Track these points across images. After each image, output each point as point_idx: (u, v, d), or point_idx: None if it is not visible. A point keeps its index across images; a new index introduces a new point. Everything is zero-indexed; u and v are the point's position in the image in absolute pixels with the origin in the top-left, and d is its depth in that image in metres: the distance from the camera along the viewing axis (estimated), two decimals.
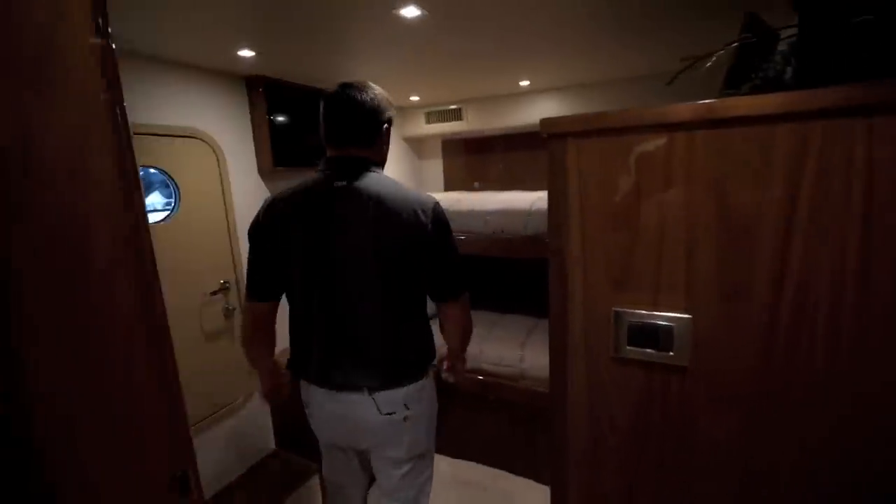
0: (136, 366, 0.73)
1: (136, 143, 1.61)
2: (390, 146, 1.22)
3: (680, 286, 0.75)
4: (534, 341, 2.27)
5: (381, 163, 1.18)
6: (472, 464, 2.27)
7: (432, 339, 1.24)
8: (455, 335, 1.27)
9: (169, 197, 1.92)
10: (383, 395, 1.13)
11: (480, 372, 2.23)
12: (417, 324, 1.18)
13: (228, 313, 1.96)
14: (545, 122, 0.81)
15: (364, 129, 1.11)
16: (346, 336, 1.11)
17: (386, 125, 1.16)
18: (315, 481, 2.09)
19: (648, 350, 0.80)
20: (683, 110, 0.70)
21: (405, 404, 1.16)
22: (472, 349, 2.18)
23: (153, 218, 1.86)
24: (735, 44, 0.82)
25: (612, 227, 0.79)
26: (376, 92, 1.13)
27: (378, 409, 1.14)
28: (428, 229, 1.07)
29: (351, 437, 1.23)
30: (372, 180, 1.09)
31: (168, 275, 1.76)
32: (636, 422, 0.84)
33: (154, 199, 2.31)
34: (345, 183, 1.08)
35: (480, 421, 2.25)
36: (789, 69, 0.80)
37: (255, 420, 2.12)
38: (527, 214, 2.03)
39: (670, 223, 0.74)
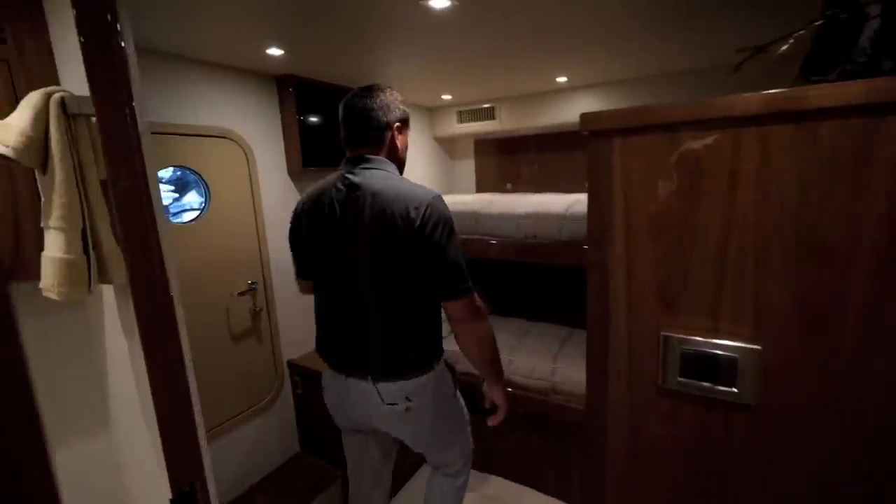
0: None
1: (169, 143, 1.62)
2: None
3: (747, 311, 0.64)
4: (567, 354, 2.14)
5: (395, 161, 1.23)
6: (499, 479, 2.17)
7: (438, 337, 1.24)
8: (466, 343, 1.20)
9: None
10: (385, 386, 1.18)
11: (509, 384, 2.12)
12: (417, 322, 1.17)
13: (256, 314, 1.96)
14: (586, 117, 0.71)
15: (370, 131, 1.19)
16: (350, 329, 1.20)
17: (397, 124, 1.22)
18: (338, 487, 2.06)
19: (705, 383, 0.68)
20: (754, 101, 0.59)
21: (407, 396, 1.19)
22: (503, 358, 2.08)
23: (187, 217, 1.88)
24: (819, 22, 0.69)
25: (663, 237, 0.68)
26: (384, 94, 1.20)
27: (381, 399, 1.19)
28: (416, 225, 1.07)
29: (363, 420, 1.29)
30: (375, 178, 1.14)
31: (198, 274, 1.79)
32: (687, 462, 0.73)
33: (191, 199, 2.35)
34: (350, 181, 1.15)
35: (508, 435, 2.15)
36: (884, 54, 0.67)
37: (280, 422, 2.11)
38: (562, 218, 1.91)
39: (736, 236, 0.63)
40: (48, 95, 0.88)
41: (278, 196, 2.06)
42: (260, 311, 1.97)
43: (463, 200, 2.29)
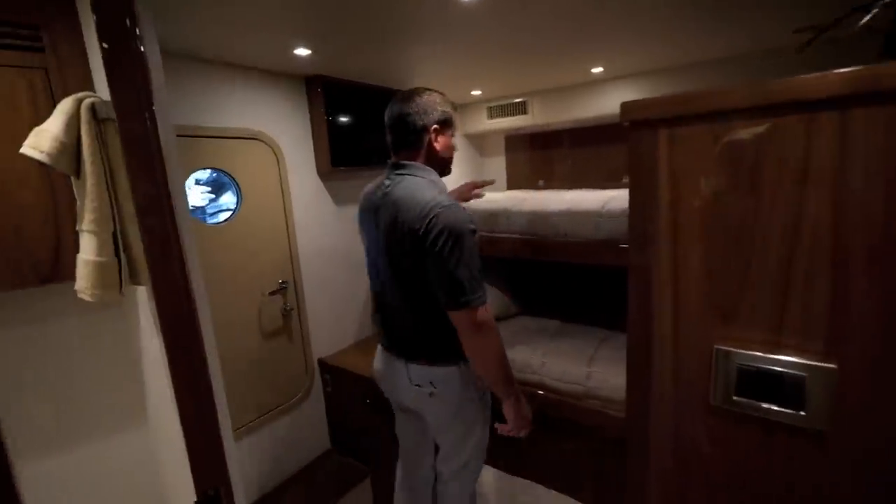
0: None
1: (200, 145, 1.65)
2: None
3: (818, 324, 0.55)
4: (603, 357, 2.04)
5: (435, 163, 1.25)
6: (533, 484, 2.11)
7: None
8: (469, 354, 1.16)
9: None
10: (413, 368, 1.26)
11: (541, 386, 2.05)
12: (444, 319, 1.16)
13: (286, 313, 1.98)
14: (628, 105, 0.64)
15: (408, 136, 1.22)
16: (387, 313, 1.31)
17: (435, 126, 1.22)
18: (367, 485, 2.06)
19: (765, 404, 0.60)
20: (833, 81, 0.50)
21: (431, 382, 1.24)
22: (535, 360, 2.01)
23: (222, 217, 1.91)
24: None
25: (717, 238, 0.61)
26: (422, 97, 1.21)
27: (409, 379, 1.27)
28: (419, 234, 1.08)
29: (396, 396, 1.39)
30: (402, 185, 1.17)
31: (230, 274, 1.82)
32: (739, 490, 0.65)
33: (227, 200, 2.41)
34: (384, 188, 1.22)
35: (541, 440, 2.08)
36: None
37: (311, 419, 2.12)
38: (598, 216, 1.81)
39: (807, 237, 0.54)
40: (79, 101, 0.89)
41: (308, 196, 2.06)
42: (290, 311, 1.99)
43: (493, 198, 2.22)
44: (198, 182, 2.48)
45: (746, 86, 0.55)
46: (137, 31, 0.69)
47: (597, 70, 2.20)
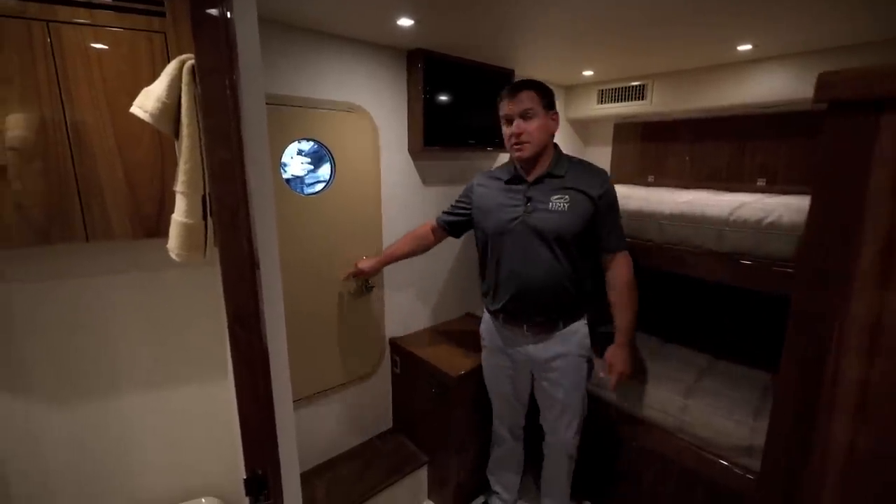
0: None
1: (298, 116, 1.66)
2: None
3: None
4: (704, 389, 1.75)
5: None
6: None
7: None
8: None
9: None
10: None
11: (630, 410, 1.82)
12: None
13: (367, 290, 1.98)
14: (829, 77, 0.43)
15: None
16: None
17: None
18: (423, 474, 2.03)
19: None
20: None
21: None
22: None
23: (317, 189, 1.95)
24: None
25: None
26: None
27: None
28: None
29: None
30: None
31: (319, 246, 1.86)
32: None
33: (325, 171, 2.48)
34: None
35: (622, 465, 1.86)
36: None
37: (377, 397, 2.14)
38: (723, 223, 1.51)
39: None
40: (182, 63, 0.90)
41: (397, 174, 2.03)
42: (371, 288, 1.99)
43: None
44: (300, 153, 2.59)
45: None
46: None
47: (744, 48, 1.81)
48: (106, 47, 1.07)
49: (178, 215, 0.95)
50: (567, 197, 1.45)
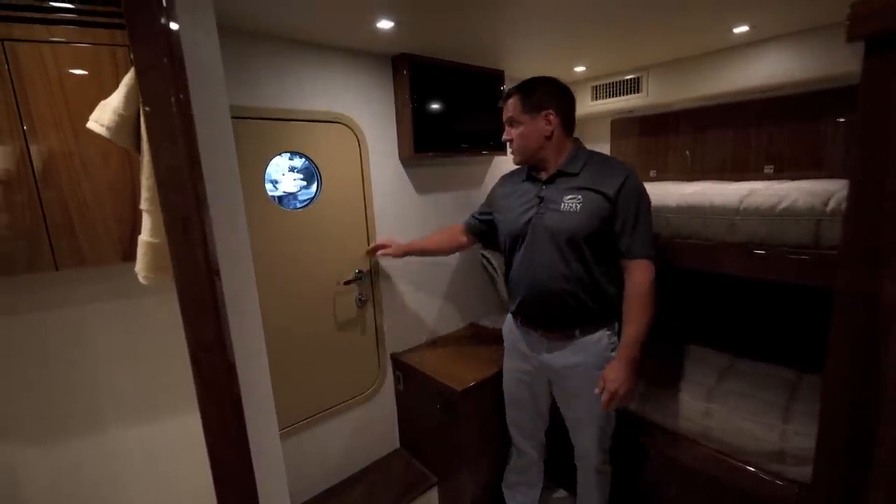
0: None
1: (281, 129, 1.60)
2: None
3: None
4: (727, 391, 1.64)
5: None
6: None
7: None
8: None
9: None
10: None
11: (643, 414, 1.72)
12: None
13: (361, 304, 1.91)
14: (866, 7, 0.35)
15: None
16: None
17: None
18: (434, 494, 1.92)
19: None
20: None
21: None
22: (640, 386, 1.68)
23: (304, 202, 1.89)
24: None
25: None
26: None
27: None
28: None
29: None
30: None
31: (307, 259, 1.77)
32: None
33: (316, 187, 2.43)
34: None
35: (644, 477, 1.74)
36: None
37: (381, 416, 2.05)
38: (734, 212, 1.42)
39: None
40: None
41: (388, 183, 1.96)
42: (366, 302, 1.91)
43: None
44: (292, 169, 2.55)
45: None
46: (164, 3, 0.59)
47: (740, 30, 1.74)
48: (67, 65, 1.02)
49: (145, 235, 0.88)
50: (580, 196, 1.36)
